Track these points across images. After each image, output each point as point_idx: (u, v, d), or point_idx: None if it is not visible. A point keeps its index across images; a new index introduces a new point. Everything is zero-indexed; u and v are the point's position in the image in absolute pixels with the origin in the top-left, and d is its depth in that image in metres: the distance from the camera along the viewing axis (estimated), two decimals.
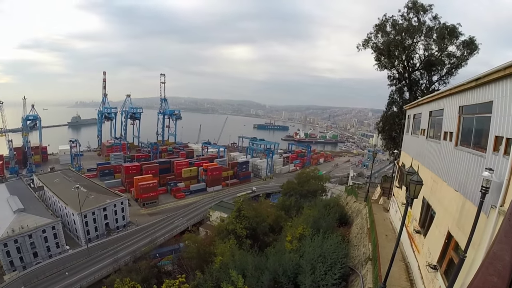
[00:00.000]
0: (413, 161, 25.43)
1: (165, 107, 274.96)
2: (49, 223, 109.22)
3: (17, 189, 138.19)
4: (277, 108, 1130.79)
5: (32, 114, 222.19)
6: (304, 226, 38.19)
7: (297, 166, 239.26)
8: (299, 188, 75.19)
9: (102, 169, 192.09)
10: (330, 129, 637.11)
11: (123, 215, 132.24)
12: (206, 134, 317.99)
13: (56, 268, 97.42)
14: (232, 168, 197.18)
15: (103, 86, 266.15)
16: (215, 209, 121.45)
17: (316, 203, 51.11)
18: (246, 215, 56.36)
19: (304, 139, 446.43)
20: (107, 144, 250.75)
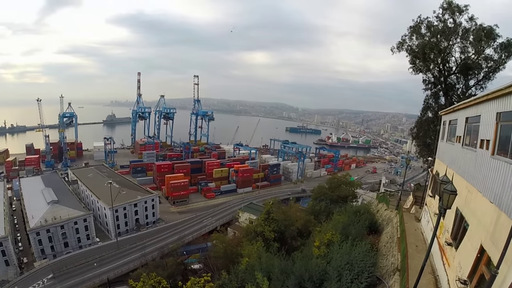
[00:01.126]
0: (448, 170, 24.58)
1: (198, 108, 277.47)
2: (81, 216, 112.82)
3: (52, 181, 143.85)
4: (309, 111, 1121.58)
5: (69, 112, 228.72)
6: (333, 232, 37.61)
7: (329, 170, 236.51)
8: (329, 193, 74.21)
9: (134, 166, 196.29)
10: (363, 134, 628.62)
11: (153, 212, 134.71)
12: (238, 135, 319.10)
13: (85, 258, 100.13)
14: (263, 171, 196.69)
15: (137, 87, 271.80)
16: (245, 210, 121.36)
17: (346, 209, 50.07)
18: (275, 218, 56.01)
19: (336, 144, 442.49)
20: (140, 143, 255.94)
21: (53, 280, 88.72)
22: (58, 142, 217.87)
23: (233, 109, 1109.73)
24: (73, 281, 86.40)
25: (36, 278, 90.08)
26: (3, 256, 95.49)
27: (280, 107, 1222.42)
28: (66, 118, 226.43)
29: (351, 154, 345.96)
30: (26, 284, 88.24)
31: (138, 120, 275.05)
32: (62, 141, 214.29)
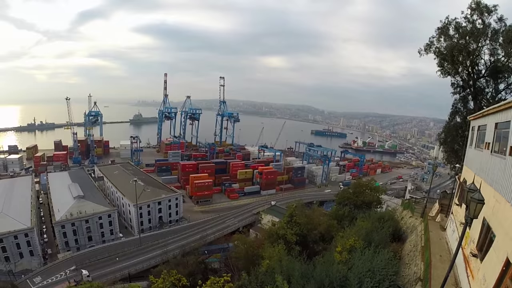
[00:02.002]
0: (476, 177, 23.85)
1: (224, 109, 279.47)
2: (106, 211, 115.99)
3: (79, 177, 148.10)
4: (335, 114, 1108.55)
5: (94, 111, 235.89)
6: (356, 238, 37.10)
7: (353, 175, 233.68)
8: (353, 198, 73.29)
9: (160, 165, 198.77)
10: (389, 139, 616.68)
11: (176, 210, 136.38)
12: (263, 137, 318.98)
13: (107, 253, 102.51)
14: (287, 173, 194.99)
15: (164, 87, 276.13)
16: (267, 212, 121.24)
17: (370, 215, 49.23)
18: (298, 221, 55.56)
19: (362, 148, 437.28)
20: (166, 142, 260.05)
21: (75, 272, 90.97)
22: (85, 139, 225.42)
23: (258, 111, 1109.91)
24: (95, 274, 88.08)
25: (59, 269, 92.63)
26: (28, 246, 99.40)
27: (305, 109, 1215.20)
28: (92, 116, 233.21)
29: (377, 159, 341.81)
30: (49, 274, 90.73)
31: (164, 120, 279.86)
32: (89, 139, 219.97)
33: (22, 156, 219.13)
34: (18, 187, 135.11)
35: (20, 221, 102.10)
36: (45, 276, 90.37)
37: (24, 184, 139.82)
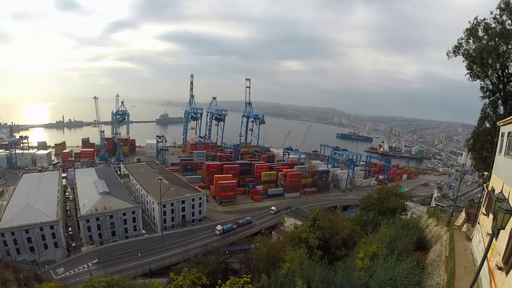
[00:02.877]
0: (505, 186, 23.15)
1: (249, 111, 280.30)
2: (130, 208, 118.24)
3: (105, 174, 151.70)
4: (361, 117, 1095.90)
5: (121, 110, 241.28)
6: (379, 245, 36.58)
7: (379, 180, 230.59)
8: (378, 203, 72.18)
9: (185, 164, 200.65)
10: (416, 144, 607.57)
11: (200, 210, 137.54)
12: (289, 139, 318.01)
13: (130, 248, 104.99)
14: (311, 176, 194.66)
15: (190, 88, 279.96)
16: (290, 215, 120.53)
17: (394, 222, 48.33)
18: (321, 225, 55.16)
19: (388, 152, 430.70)
20: (191, 142, 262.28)
21: (97, 265, 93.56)
22: (112, 137, 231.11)
23: (284, 113, 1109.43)
24: (116, 268, 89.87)
25: (82, 262, 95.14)
26: (53, 238, 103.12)
27: (331, 112, 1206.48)
28: (119, 115, 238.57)
29: (403, 164, 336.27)
30: (72, 266, 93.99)
31: (190, 120, 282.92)
32: (116, 137, 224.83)
33: (51, 152, 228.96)
34: (45, 181, 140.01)
35: (46, 213, 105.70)
36: (67, 267, 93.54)
37: (52, 179, 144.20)
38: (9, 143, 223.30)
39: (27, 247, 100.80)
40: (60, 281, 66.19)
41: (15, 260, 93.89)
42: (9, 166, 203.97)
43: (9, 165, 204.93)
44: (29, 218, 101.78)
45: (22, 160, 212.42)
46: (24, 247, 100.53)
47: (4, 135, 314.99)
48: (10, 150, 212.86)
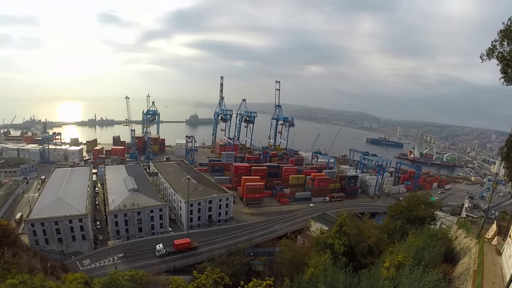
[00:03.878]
0: None
1: (279, 113, 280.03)
2: (157, 205, 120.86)
3: (134, 171, 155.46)
4: (392, 122, 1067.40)
5: (152, 110, 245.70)
6: (405, 255, 35.77)
7: (408, 187, 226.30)
8: (407, 212, 70.56)
9: (213, 165, 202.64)
10: (447, 151, 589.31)
11: (226, 210, 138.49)
12: (318, 143, 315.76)
13: (156, 244, 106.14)
14: (340, 181, 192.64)
15: (220, 90, 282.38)
16: (317, 220, 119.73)
17: (422, 232, 47.10)
18: (347, 231, 54.35)
19: (418, 159, 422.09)
20: (220, 143, 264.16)
21: (123, 259, 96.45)
22: (143, 136, 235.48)
23: (313, 116, 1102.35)
24: (141, 263, 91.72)
25: (108, 255, 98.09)
26: (81, 231, 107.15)
27: (361, 116, 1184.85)
28: (150, 115, 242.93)
29: (434, 172, 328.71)
30: (98, 259, 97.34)
31: (219, 122, 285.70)
32: (146, 136, 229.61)
33: (82, 148, 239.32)
34: (76, 176, 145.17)
35: (76, 207, 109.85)
36: (93, 259, 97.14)
37: (83, 174, 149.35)
38: (43, 139, 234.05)
39: (55, 238, 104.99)
40: (86, 272, 67.66)
41: (43, 249, 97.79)
42: (42, 161, 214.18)
43: (42, 160, 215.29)
44: (59, 211, 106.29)
45: (55, 155, 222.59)
46: (53, 237, 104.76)
47: (38, 131, 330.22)
48: (43, 145, 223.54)
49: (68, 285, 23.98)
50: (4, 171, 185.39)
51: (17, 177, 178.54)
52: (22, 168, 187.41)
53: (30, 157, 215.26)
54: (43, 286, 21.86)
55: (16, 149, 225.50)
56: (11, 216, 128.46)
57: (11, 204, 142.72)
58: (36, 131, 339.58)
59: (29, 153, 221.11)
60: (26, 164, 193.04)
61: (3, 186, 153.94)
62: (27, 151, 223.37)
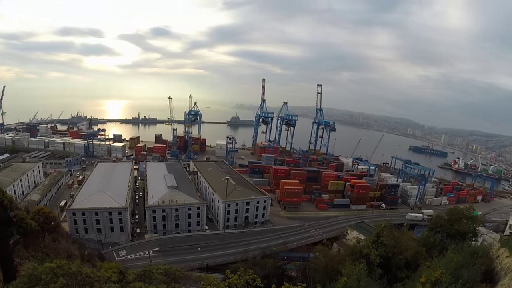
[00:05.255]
0: None
1: (320, 117, 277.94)
2: (195, 203, 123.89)
3: (175, 169, 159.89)
4: (436, 130, 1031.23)
5: (194, 110, 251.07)
6: (443, 271, 34.71)
7: (450, 200, 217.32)
8: (447, 225, 68.22)
9: (252, 167, 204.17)
10: (494, 162, 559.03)
11: (263, 213, 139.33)
12: (359, 149, 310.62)
13: (191, 242, 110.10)
14: (380, 190, 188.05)
15: (262, 92, 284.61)
16: (354, 228, 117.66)
17: (462, 248, 45.74)
18: (384, 242, 53.30)
19: (462, 170, 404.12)
20: (260, 145, 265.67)
21: (158, 253, 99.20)
22: (184, 135, 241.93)
23: (355, 121, 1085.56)
24: (175, 258, 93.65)
25: (143, 248, 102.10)
26: (119, 223, 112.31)
27: (404, 123, 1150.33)
28: (192, 115, 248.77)
29: (478, 184, 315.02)
30: (134, 251, 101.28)
31: (260, 124, 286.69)
32: (188, 135, 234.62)
33: (125, 145, 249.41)
34: (118, 171, 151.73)
35: (116, 200, 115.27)
36: (129, 251, 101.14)
37: (124, 169, 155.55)
38: (88, 134, 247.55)
39: (95, 228, 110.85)
40: (121, 262, 69.14)
41: (82, 237, 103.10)
42: (86, 155, 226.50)
43: (86, 154, 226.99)
44: (100, 202, 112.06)
45: (99, 150, 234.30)
46: (92, 227, 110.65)
47: (84, 126, 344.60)
48: (88, 141, 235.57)
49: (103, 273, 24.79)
50: (50, 163, 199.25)
51: (61, 168, 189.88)
52: (67, 160, 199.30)
53: (75, 151, 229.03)
54: (79, 271, 22.68)
55: (62, 143, 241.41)
56: (54, 204, 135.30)
57: (54, 193, 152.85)
58: (81, 126, 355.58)
59: (74, 147, 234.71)
60: (71, 157, 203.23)
61: (48, 176, 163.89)
62: (72, 145, 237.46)
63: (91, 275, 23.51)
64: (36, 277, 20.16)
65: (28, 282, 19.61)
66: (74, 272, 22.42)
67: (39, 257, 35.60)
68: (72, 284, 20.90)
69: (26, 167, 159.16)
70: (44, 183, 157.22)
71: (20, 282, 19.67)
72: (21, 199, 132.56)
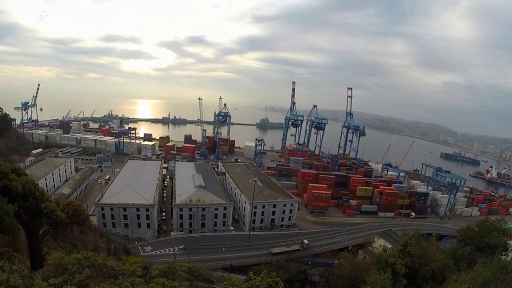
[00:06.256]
0: None
1: (350, 121, 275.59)
2: (222, 204, 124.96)
3: (203, 169, 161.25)
4: (469, 136, 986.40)
5: (224, 112, 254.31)
6: (470, 285, 33.93)
7: (482, 211, 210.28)
8: (477, 238, 65.98)
9: (281, 169, 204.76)
10: None
11: (289, 216, 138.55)
12: (388, 155, 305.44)
13: (216, 241, 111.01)
14: (409, 197, 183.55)
15: (292, 95, 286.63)
16: (381, 236, 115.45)
17: (492, 262, 44.43)
18: (412, 252, 52.13)
19: (495, 180, 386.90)
20: (289, 148, 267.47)
21: (182, 251, 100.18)
22: (213, 136, 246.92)
23: (386, 126, 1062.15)
24: (199, 257, 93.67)
25: (169, 245, 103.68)
26: (147, 219, 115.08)
27: (436, 129, 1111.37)
28: (221, 116, 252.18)
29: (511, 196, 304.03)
30: (159, 247, 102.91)
31: (290, 127, 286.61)
32: (217, 136, 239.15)
33: (155, 144, 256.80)
34: (148, 169, 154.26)
35: (144, 197, 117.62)
36: (155, 247, 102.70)
37: (154, 167, 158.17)
38: (119, 133, 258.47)
39: (122, 222, 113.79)
40: (146, 258, 70.30)
41: (109, 232, 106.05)
42: (117, 152, 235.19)
43: (116, 151, 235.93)
44: (128, 198, 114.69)
45: (129, 148, 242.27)
46: (120, 222, 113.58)
47: (115, 125, 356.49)
48: (119, 139, 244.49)
49: (128, 267, 25.24)
50: (81, 158, 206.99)
51: (92, 164, 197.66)
52: (98, 157, 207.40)
53: (106, 148, 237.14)
54: (105, 264, 23.20)
55: (94, 140, 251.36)
56: (83, 198, 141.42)
57: (85, 188, 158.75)
58: (113, 125, 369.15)
59: (105, 144, 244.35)
60: (102, 153, 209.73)
61: (79, 172, 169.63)
62: (104, 142, 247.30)
63: (116, 268, 23.99)
64: (62, 266, 20.72)
65: (54, 271, 20.16)
66: (99, 264, 22.95)
67: (67, 248, 36.76)
68: (97, 276, 21.40)
69: (58, 162, 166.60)
70: (75, 177, 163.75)
71: (47, 270, 20.24)
72: (52, 192, 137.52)
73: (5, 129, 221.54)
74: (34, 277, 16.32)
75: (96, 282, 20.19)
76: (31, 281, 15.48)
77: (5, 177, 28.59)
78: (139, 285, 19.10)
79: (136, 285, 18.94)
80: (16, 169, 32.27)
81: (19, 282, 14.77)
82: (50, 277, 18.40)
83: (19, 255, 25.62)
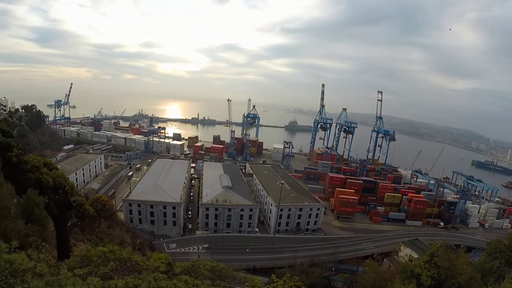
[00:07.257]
0: None
1: (380, 126, 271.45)
2: (249, 205, 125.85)
3: (230, 170, 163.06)
4: (503, 144, 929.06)
5: (252, 113, 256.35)
6: None
7: None
8: (507, 252, 64.02)
9: (308, 173, 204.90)
10: None
11: (315, 220, 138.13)
12: (418, 161, 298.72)
13: (240, 242, 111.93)
14: (438, 206, 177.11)
15: (321, 98, 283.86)
16: (407, 245, 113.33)
17: None
18: (438, 263, 50.91)
19: None
20: (317, 152, 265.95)
21: (206, 250, 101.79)
22: (242, 138, 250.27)
23: (416, 132, 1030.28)
24: (223, 257, 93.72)
25: (193, 243, 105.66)
26: (173, 217, 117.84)
27: (468, 135, 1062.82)
28: (250, 118, 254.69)
29: None
30: (184, 245, 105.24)
31: (318, 130, 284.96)
32: (245, 138, 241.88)
33: (184, 144, 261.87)
34: (176, 167, 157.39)
35: (171, 195, 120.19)
36: (180, 245, 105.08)
37: (182, 167, 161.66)
38: (148, 131, 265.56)
39: (148, 219, 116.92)
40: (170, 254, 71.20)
41: (136, 227, 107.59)
42: (146, 150, 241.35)
43: (146, 149, 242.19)
44: (156, 196, 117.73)
45: (158, 147, 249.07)
46: (146, 219, 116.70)
47: (145, 124, 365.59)
48: (149, 137, 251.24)
49: (152, 262, 25.73)
50: (111, 155, 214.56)
51: (122, 161, 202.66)
52: (127, 154, 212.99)
53: (135, 146, 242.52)
54: (129, 258, 23.66)
55: (124, 138, 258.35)
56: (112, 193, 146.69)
57: (113, 184, 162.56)
58: (143, 124, 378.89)
59: (135, 142, 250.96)
60: (131, 151, 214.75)
61: (109, 168, 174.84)
62: (133, 141, 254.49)
63: (140, 263, 24.43)
64: (88, 258, 21.25)
65: (80, 262, 20.69)
66: (124, 258, 23.42)
67: (93, 240, 37.78)
68: (121, 269, 21.85)
69: (88, 158, 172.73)
70: (105, 173, 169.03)
71: (73, 261, 20.79)
72: (82, 186, 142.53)
73: (38, 125, 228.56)
74: (60, 267, 16.75)
75: (120, 275, 20.59)
76: (57, 270, 15.90)
77: (37, 170, 29.70)
78: (162, 281, 19.36)
79: (159, 280, 19.20)
80: (48, 163, 33.42)
81: (45, 271, 15.21)
82: (75, 267, 18.87)
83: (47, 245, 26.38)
